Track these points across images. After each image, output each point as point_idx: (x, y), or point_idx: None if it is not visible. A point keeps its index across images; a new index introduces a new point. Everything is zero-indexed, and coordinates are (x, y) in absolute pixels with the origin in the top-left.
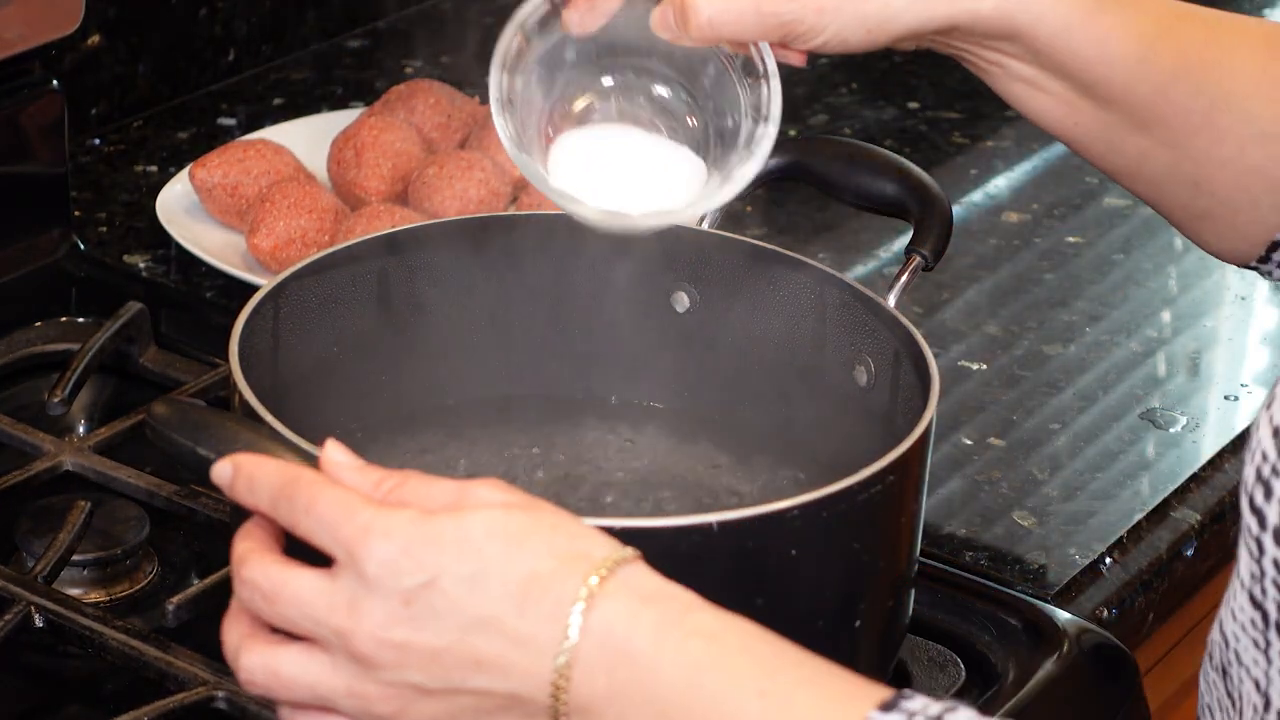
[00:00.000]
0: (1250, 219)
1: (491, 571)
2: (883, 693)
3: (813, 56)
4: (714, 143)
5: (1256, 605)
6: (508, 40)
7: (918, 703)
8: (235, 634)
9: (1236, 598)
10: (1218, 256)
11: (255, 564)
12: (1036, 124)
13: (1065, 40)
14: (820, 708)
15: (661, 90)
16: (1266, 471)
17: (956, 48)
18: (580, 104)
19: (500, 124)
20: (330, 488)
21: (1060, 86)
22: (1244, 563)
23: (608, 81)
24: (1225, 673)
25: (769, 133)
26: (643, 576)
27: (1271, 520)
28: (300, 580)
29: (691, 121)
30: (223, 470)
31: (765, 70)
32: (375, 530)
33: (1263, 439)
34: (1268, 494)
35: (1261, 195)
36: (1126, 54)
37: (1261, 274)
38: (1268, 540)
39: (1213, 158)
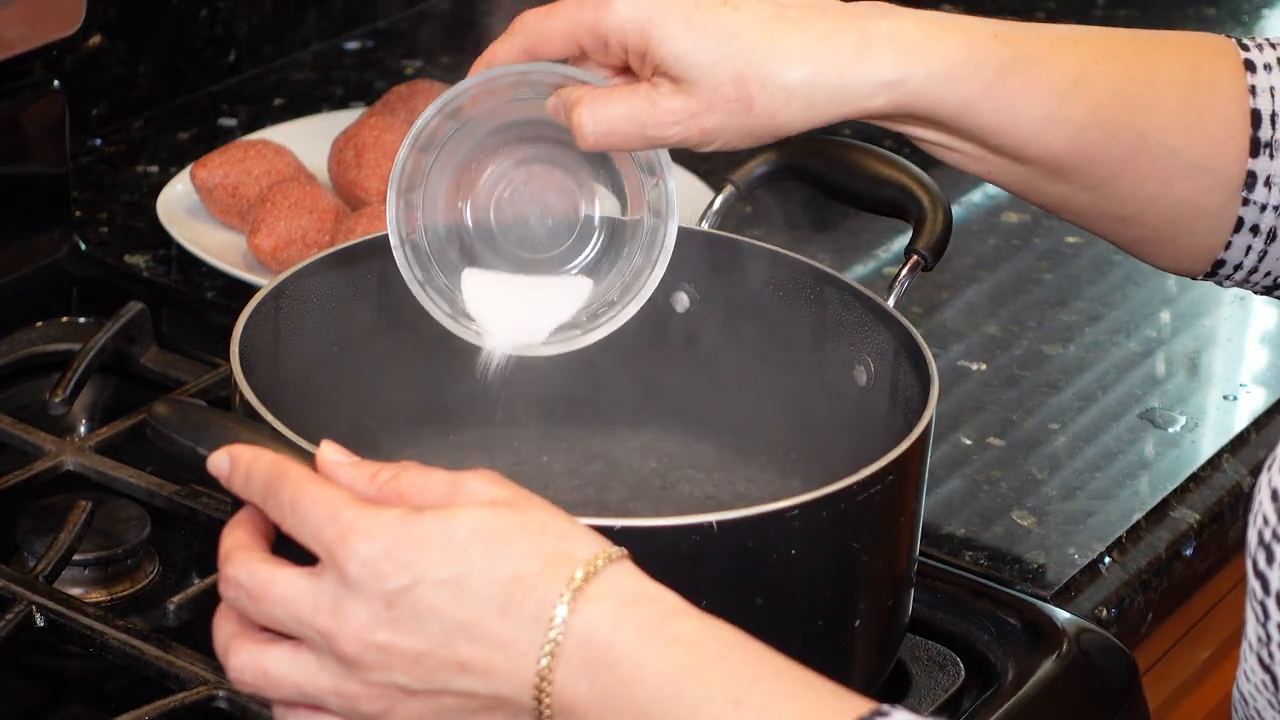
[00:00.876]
0: (1188, 244)
1: (474, 574)
2: (860, 707)
3: None
4: (610, 232)
5: (1266, 668)
6: (423, 121)
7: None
8: (224, 632)
9: (1247, 659)
10: (1166, 271)
11: (240, 562)
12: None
13: (970, 114)
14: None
15: (563, 172)
16: (1268, 535)
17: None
18: (487, 175)
19: (400, 258)
20: (316, 485)
21: (971, 147)
22: (1251, 626)
23: (514, 157)
24: None
25: (669, 229)
26: (627, 577)
27: (1274, 585)
28: (285, 580)
29: (594, 205)
30: (220, 461)
31: (660, 167)
32: (357, 531)
33: (1263, 502)
34: (1269, 558)
35: (1195, 222)
36: (1034, 114)
37: (1216, 283)
38: (1272, 605)
39: (1138, 196)
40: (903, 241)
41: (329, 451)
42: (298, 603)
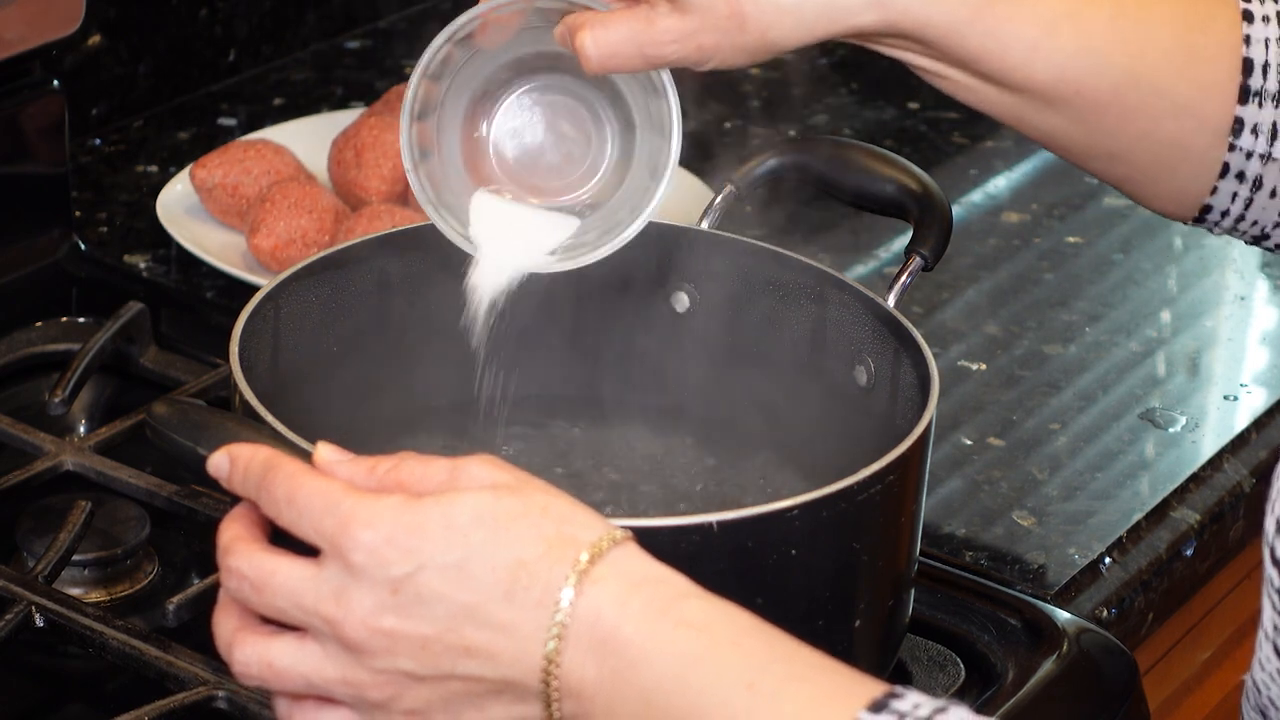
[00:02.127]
0: (1172, 186)
1: (477, 559)
2: (874, 689)
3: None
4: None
5: None
6: (433, 50)
7: (908, 702)
8: (227, 627)
9: (1263, 647)
10: (1155, 212)
11: (241, 553)
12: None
13: (956, 37)
14: (809, 703)
15: (569, 96)
16: None
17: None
18: (501, 105)
19: (414, 181)
20: (311, 478)
21: (959, 74)
22: (1267, 615)
23: (527, 87)
24: (1264, 714)
25: (673, 146)
26: (632, 560)
27: None
28: (287, 569)
29: (603, 126)
30: (219, 462)
31: (662, 86)
32: (358, 520)
33: None
34: None
35: (1179, 165)
36: (1021, 42)
37: (1207, 229)
38: None
39: (1125, 132)
40: (903, 241)
41: (326, 452)
42: (301, 591)
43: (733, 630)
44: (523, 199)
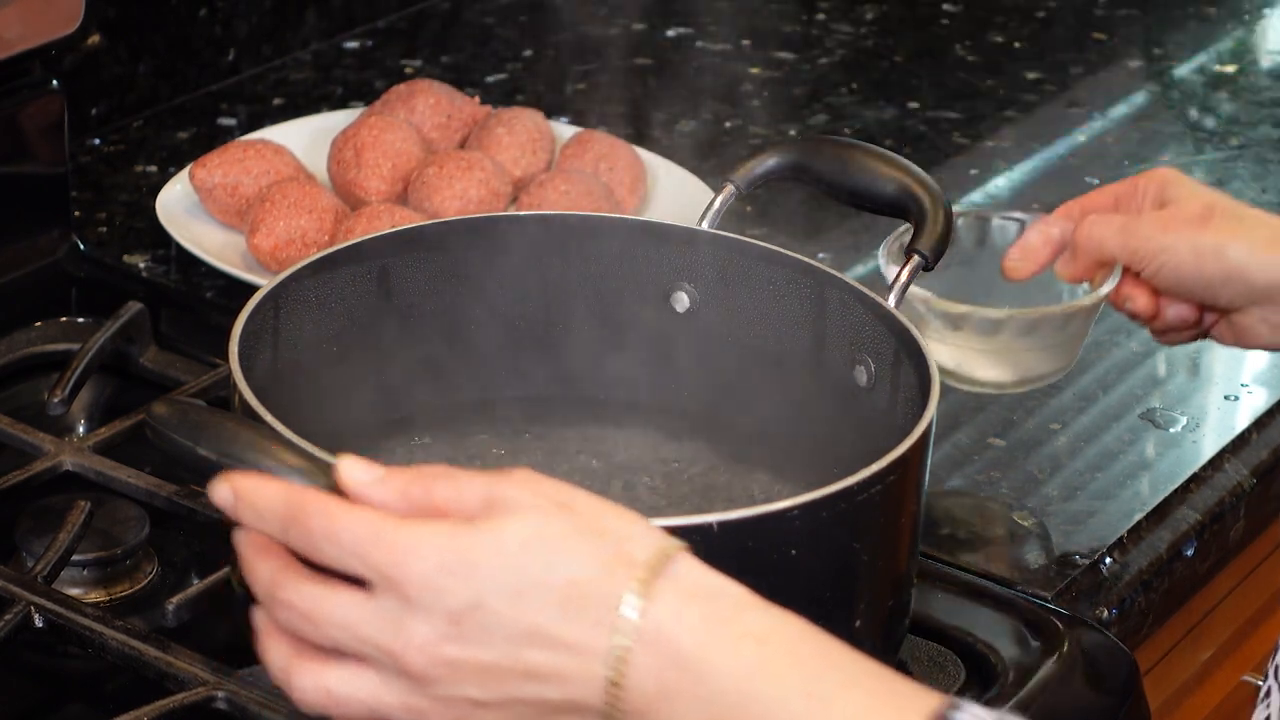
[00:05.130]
0: None
1: (533, 582)
2: (932, 701)
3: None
4: None
5: None
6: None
7: (967, 714)
8: (280, 654)
9: None
10: None
11: (289, 586)
12: None
13: None
14: (866, 712)
15: None
16: None
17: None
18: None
19: None
20: (348, 511)
21: None
22: None
23: None
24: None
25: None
26: (690, 571)
27: None
28: (340, 601)
29: None
30: (222, 495)
31: None
32: (408, 551)
33: None
34: None
35: None
36: None
37: None
38: None
39: None
40: (903, 241)
41: (353, 471)
42: (357, 623)
43: (789, 640)
44: None
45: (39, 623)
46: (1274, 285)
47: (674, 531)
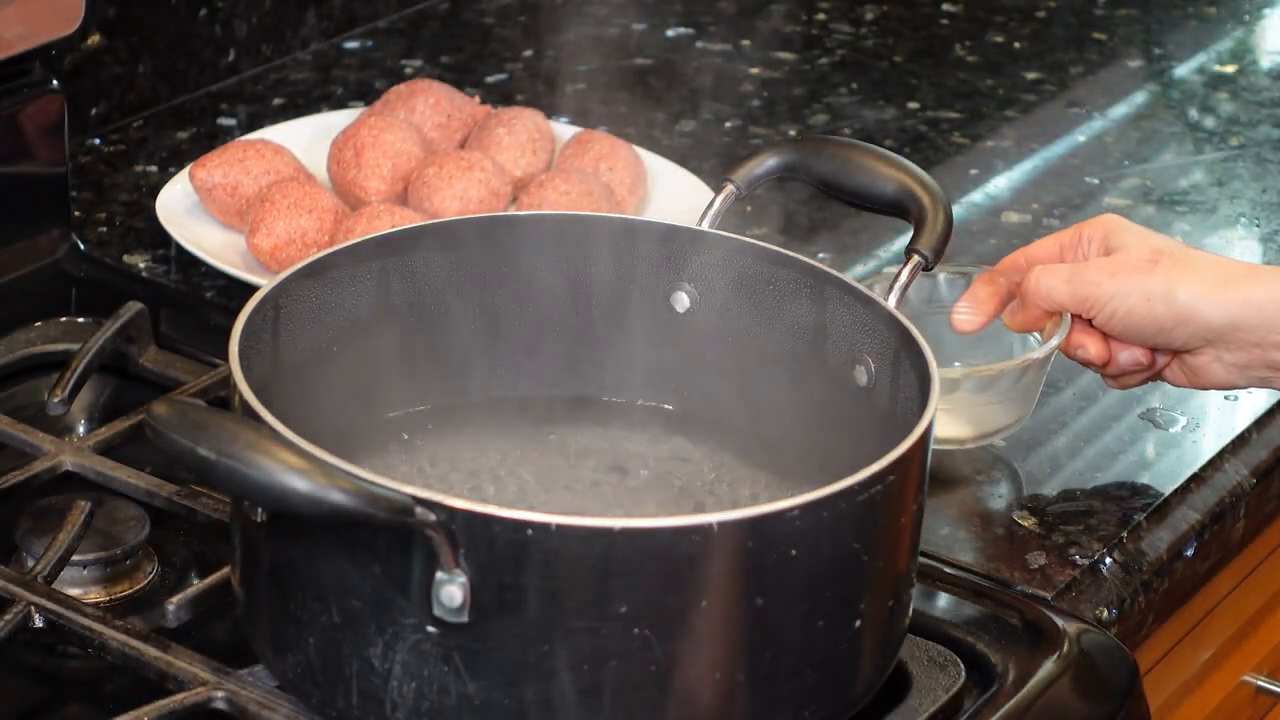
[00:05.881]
0: None
1: None
2: None
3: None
4: None
5: None
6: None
7: None
8: None
9: None
10: None
11: None
12: None
13: None
14: None
15: None
16: None
17: None
18: None
19: None
20: None
21: None
22: None
23: None
24: None
25: None
26: None
27: None
28: None
29: None
30: None
31: None
32: None
33: None
34: None
35: None
36: None
37: None
38: None
39: None
40: (903, 241)
41: None
42: None
43: None
44: None
45: (39, 623)
46: (1227, 324)
47: (675, 531)
